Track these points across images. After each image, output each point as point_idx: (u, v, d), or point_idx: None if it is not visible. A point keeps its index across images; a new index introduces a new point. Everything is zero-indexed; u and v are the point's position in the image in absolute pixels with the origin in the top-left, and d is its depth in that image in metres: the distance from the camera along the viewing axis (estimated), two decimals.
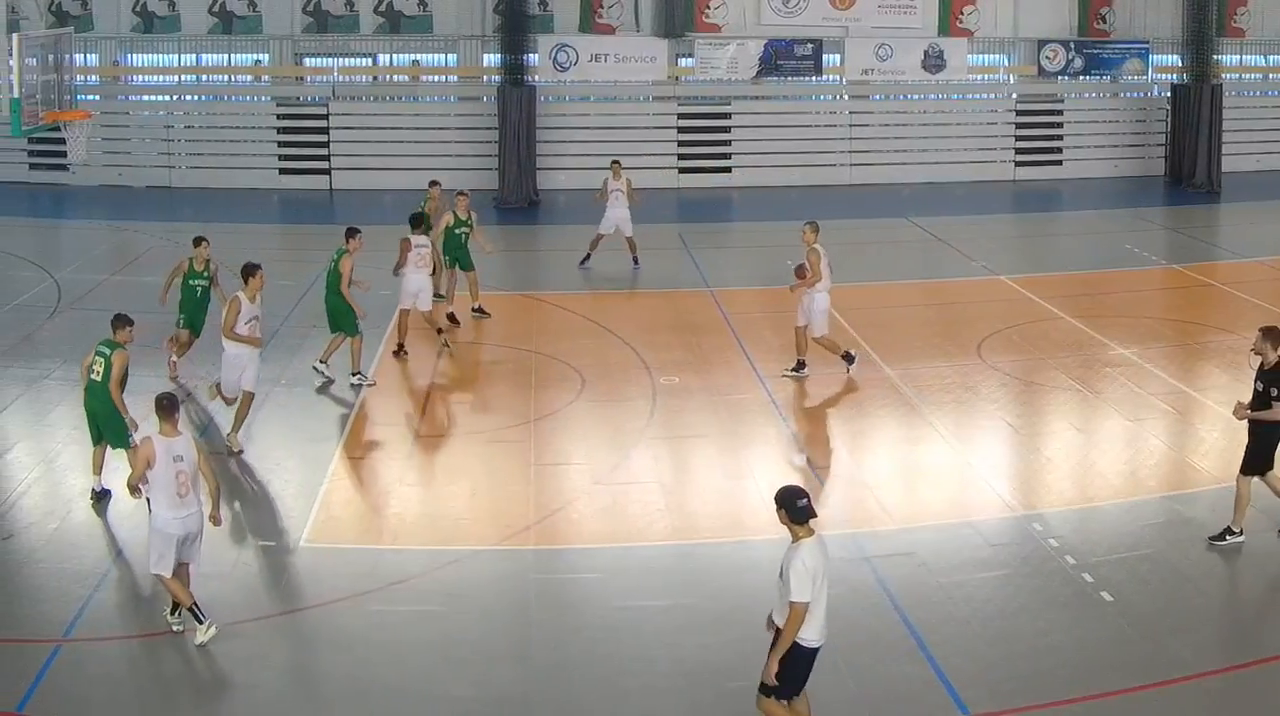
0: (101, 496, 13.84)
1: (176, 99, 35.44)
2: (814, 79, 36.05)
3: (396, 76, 36.31)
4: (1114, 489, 14.65)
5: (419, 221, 19.77)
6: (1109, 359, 19.17)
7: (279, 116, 35.15)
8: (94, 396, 13.75)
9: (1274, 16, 37.30)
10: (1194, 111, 34.76)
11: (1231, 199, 33.83)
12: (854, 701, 10.28)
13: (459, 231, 21.23)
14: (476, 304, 21.45)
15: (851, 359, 18.38)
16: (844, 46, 35.59)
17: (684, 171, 35.47)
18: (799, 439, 16.36)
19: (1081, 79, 36.88)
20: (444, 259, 21.49)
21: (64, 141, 22.41)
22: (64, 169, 32.57)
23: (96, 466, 14.00)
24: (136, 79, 36.11)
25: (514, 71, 33.02)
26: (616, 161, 25.36)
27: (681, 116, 35.62)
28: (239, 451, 15.37)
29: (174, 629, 11.23)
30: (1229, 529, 12.91)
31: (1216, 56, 34.97)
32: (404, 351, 19.33)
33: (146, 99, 35.76)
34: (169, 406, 11.19)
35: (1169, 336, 20.67)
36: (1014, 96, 37.29)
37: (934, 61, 35.77)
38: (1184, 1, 34.74)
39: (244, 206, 32.18)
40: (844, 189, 35.19)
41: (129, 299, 19.20)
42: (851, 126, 36.18)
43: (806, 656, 9.05)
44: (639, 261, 24.86)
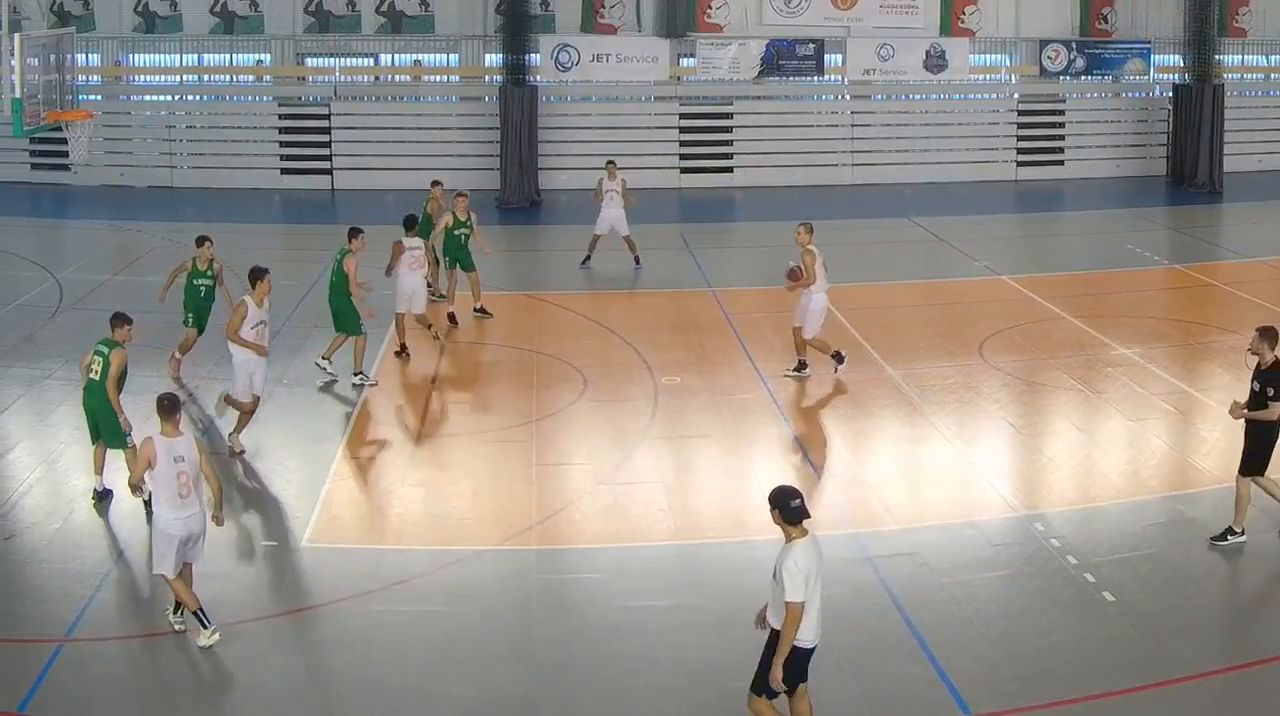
0: (103, 496, 13.83)
1: (178, 99, 35.47)
2: (816, 79, 36.07)
3: (398, 76, 36.33)
4: (1116, 489, 14.65)
5: (412, 223, 19.80)
6: (1111, 359, 19.17)
7: (281, 116, 35.16)
8: (92, 395, 13.73)
9: (1276, 16, 37.30)
10: (1196, 111, 34.75)
11: (1233, 199, 33.82)
12: (856, 701, 10.28)
13: (459, 232, 21.20)
14: (479, 304, 21.44)
15: (841, 359, 18.29)
16: (846, 46, 35.60)
17: (686, 171, 35.47)
18: (801, 439, 16.35)
19: (1083, 79, 36.87)
20: (445, 260, 21.54)
21: (66, 141, 22.40)
22: (66, 169, 32.59)
23: (98, 466, 13.99)
24: (138, 79, 36.13)
25: (516, 71, 33.02)
26: (611, 162, 25.33)
27: (683, 116, 35.62)
28: (240, 451, 15.37)
29: (176, 628, 11.23)
30: (1230, 529, 12.91)
31: (1218, 56, 34.95)
32: (405, 352, 19.34)
33: (148, 99, 35.77)
34: (170, 407, 11.14)
35: (1171, 336, 20.66)
36: (1016, 96, 37.28)
37: (936, 61, 35.77)
38: (1186, 2, 34.71)
39: (246, 206, 32.18)
40: (846, 189, 35.18)
41: (131, 299, 19.19)
42: (853, 126, 36.18)
43: (801, 657, 9.05)
44: (640, 261, 24.85)
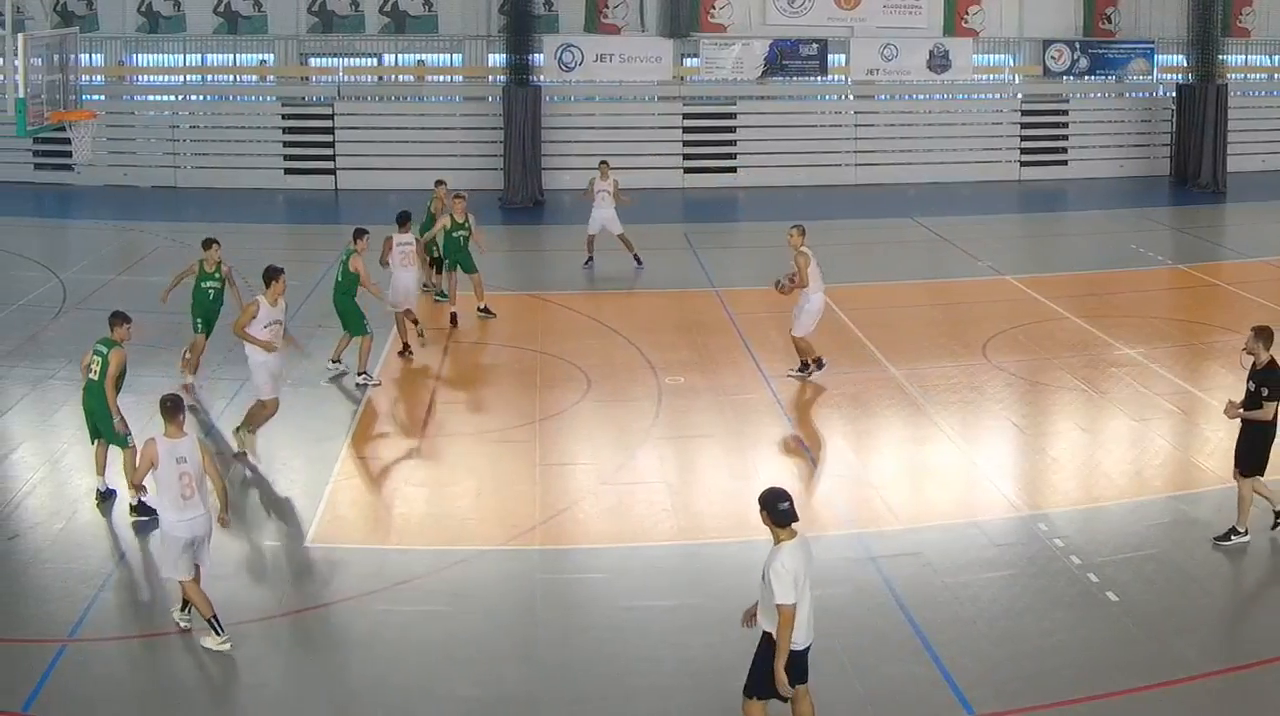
0: (106, 496, 13.83)
1: (182, 99, 35.53)
2: (819, 79, 36.09)
3: (402, 76, 36.34)
4: (1119, 489, 14.64)
5: (405, 219, 19.89)
6: (1114, 359, 19.16)
7: (284, 116, 35.19)
8: (91, 395, 13.71)
9: (1279, 16, 37.26)
10: (1199, 111, 34.73)
11: (1237, 199, 33.79)
12: (860, 701, 10.28)
13: (457, 234, 21.16)
14: (482, 304, 21.43)
15: (820, 365, 18.13)
16: (849, 46, 35.59)
17: (689, 171, 35.49)
18: (804, 439, 16.35)
19: (1087, 79, 36.85)
20: (446, 263, 21.54)
21: (69, 141, 22.40)
22: (69, 169, 32.71)
23: (99, 466, 13.99)
24: (142, 79, 36.18)
25: (519, 71, 33.03)
26: (604, 161, 25.34)
27: (687, 116, 35.63)
28: (244, 452, 15.35)
29: (181, 625, 11.23)
30: (1234, 529, 12.91)
31: (1222, 56, 34.92)
32: (408, 351, 19.35)
33: (152, 99, 35.85)
34: (173, 407, 11.12)
35: (1174, 336, 20.64)
36: (1019, 96, 37.26)
37: (939, 61, 35.77)
38: (1189, 1, 34.68)
39: (249, 206, 32.20)
40: (849, 189, 35.17)
41: (134, 299, 19.20)
42: (857, 126, 36.17)
43: (795, 658, 9.04)
44: (641, 259, 24.84)
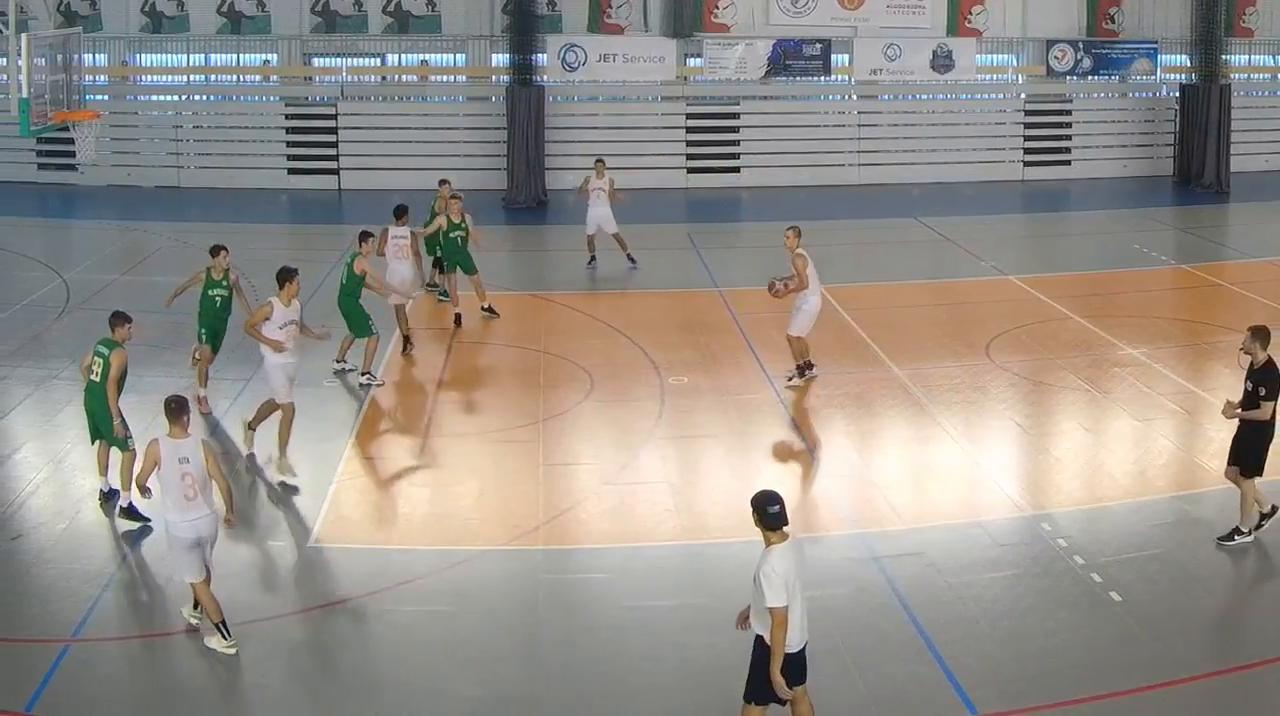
0: (110, 496, 13.82)
1: (185, 99, 35.58)
2: (822, 79, 36.06)
3: (405, 76, 36.36)
4: (1123, 489, 14.62)
5: (402, 212, 20.01)
6: (1118, 359, 19.14)
7: (287, 116, 35.19)
8: (93, 396, 13.69)
9: None
10: (1202, 111, 34.70)
11: (1240, 199, 33.75)
12: (863, 701, 10.28)
13: (454, 235, 21.14)
14: (485, 304, 21.43)
15: (810, 368, 18.06)
16: (852, 46, 35.56)
17: (692, 171, 35.48)
18: (808, 439, 16.35)
19: (1090, 79, 36.81)
20: (444, 264, 21.55)
21: (72, 141, 22.46)
22: (73, 169, 32.75)
23: (101, 467, 14.00)
24: (145, 79, 36.18)
25: (522, 71, 33.03)
26: (600, 159, 25.35)
27: (690, 116, 35.62)
28: (252, 451, 15.35)
29: (191, 622, 11.20)
30: (1237, 529, 12.89)
31: (1225, 56, 34.89)
32: (410, 344, 19.41)
33: (155, 99, 35.85)
34: (178, 408, 11.12)
35: (1178, 336, 20.62)
36: (1022, 96, 37.24)
37: (942, 61, 35.74)
38: (1192, 2, 34.65)
39: (252, 206, 32.22)
40: (852, 189, 35.15)
41: (138, 299, 19.21)
42: (860, 126, 36.16)
43: (789, 660, 9.01)
44: (634, 259, 24.81)
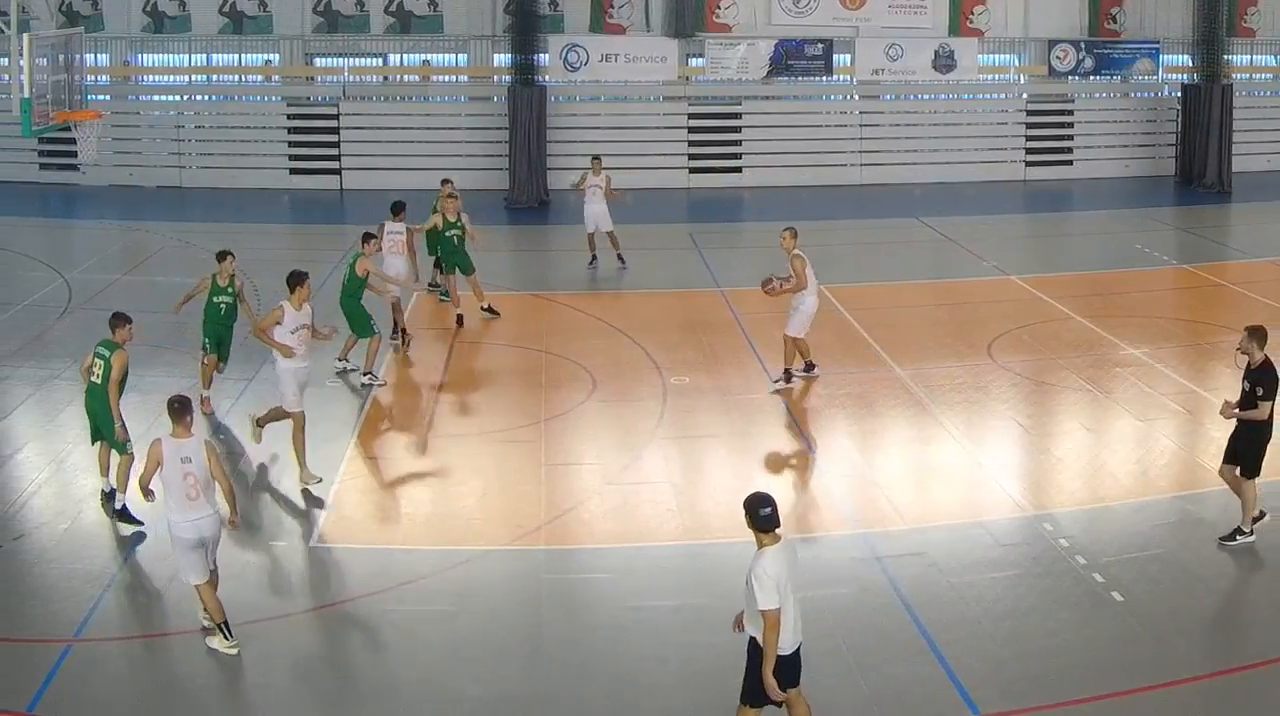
0: (111, 497, 13.80)
1: (187, 99, 35.61)
2: (824, 79, 36.06)
3: (407, 76, 36.35)
4: (1124, 489, 14.62)
5: (399, 208, 20.12)
6: (1120, 359, 19.14)
7: (289, 116, 35.23)
8: (94, 398, 13.68)
9: None
10: (1204, 111, 34.70)
11: (1242, 199, 33.77)
12: (865, 701, 10.28)
13: (450, 234, 21.11)
14: (485, 304, 21.43)
15: (812, 368, 18.09)
16: (854, 46, 35.56)
17: (694, 171, 35.50)
18: (809, 439, 16.35)
19: (1092, 79, 36.81)
20: (442, 265, 21.55)
21: (74, 141, 22.42)
22: (74, 169, 32.73)
23: (103, 467, 14.00)
24: (147, 79, 36.22)
25: (524, 71, 33.06)
26: (597, 157, 25.35)
27: (692, 116, 35.63)
28: (259, 441, 15.37)
29: (205, 625, 11.15)
30: (1239, 529, 12.89)
31: (1227, 56, 34.92)
32: (408, 337, 19.48)
33: (157, 99, 35.88)
34: (180, 409, 11.10)
35: (1180, 336, 20.62)
36: (1024, 96, 37.24)
37: (944, 61, 35.74)
38: (1194, 2, 34.64)
39: (254, 206, 32.24)
40: (854, 189, 35.17)
41: (140, 299, 19.24)
42: (862, 126, 36.16)
43: (782, 663, 9.03)
44: (624, 259, 24.80)
